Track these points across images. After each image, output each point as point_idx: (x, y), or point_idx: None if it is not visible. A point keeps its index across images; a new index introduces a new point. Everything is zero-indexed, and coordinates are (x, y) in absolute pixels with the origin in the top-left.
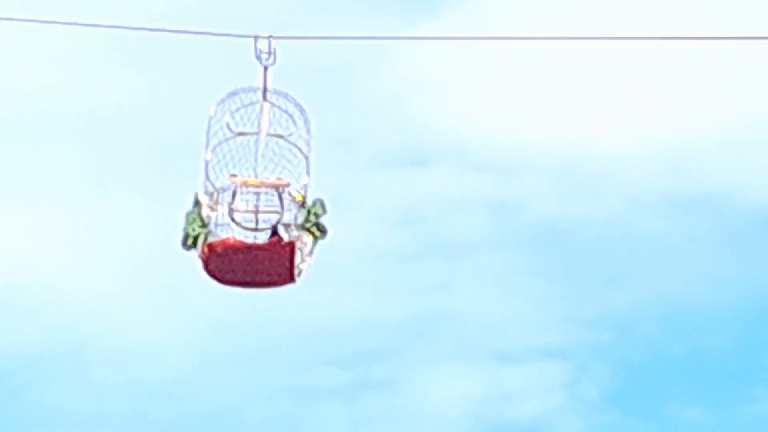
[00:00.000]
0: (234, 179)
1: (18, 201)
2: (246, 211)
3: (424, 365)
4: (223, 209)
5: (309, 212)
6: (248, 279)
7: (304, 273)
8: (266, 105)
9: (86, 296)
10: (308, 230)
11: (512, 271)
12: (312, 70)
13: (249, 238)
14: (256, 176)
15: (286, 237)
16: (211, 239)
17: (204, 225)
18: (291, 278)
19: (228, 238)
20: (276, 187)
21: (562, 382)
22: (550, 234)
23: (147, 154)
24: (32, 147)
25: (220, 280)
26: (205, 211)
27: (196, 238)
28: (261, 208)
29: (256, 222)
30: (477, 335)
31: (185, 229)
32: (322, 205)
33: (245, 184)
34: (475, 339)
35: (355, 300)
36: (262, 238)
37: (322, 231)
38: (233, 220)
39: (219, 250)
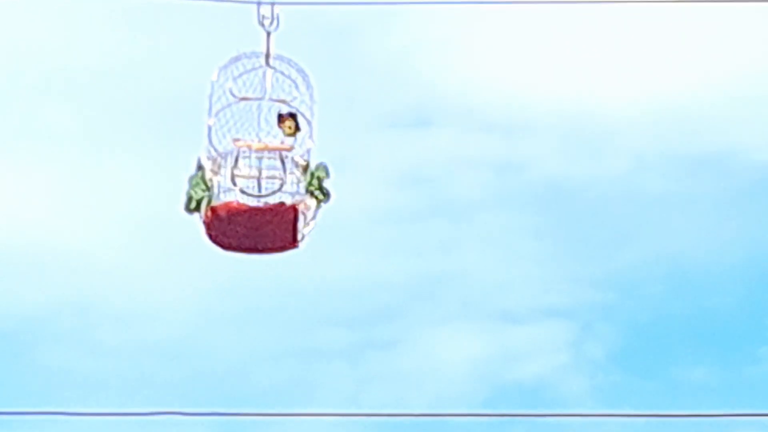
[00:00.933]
0: (237, 143)
1: (23, 162)
2: (249, 176)
3: (429, 325)
4: (225, 174)
5: (312, 176)
6: (251, 244)
7: (307, 237)
8: (269, 70)
9: (91, 257)
10: (311, 194)
11: (517, 231)
12: (316, 30)
13: (252, 202)
14: (259, 141)
15: (288, 201)
16: (214, 203)
17: (207, 188)
18: (294, 243)
19: (231, 202)
20: (279, 151)
21: (567, 341)
22: (555, 194)
23: (152, 116)
24: (36, 107)
25: (222, 246)
26: (208, 175)
27: (199, 202)
28: (264, 173)
29: (259, 187)
30: (481, 295)
31: (188, 192)
32: (325, 169)
33: (249, 148)
34: (480, 299)
35: (359, 261)
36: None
37: (326, 195)
38: (235, 185)
39: (222, 213)
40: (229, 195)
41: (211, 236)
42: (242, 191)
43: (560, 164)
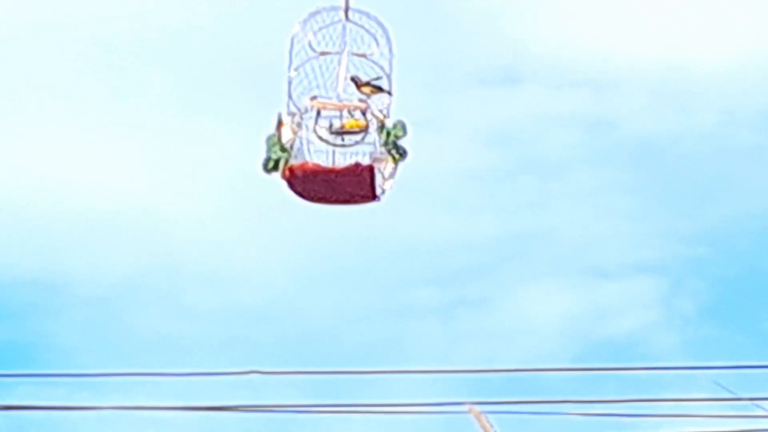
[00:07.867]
0: (314, 102)
1: (113, 128)
2: (331, 131)
3: (520, 282)
4: (305, 132)
5: (388, 135)
6: (332, 198)
7: (388, 192)
8: (348, 24)
9: (180, 221)
10: (388, 152)
11: (607, 187)
12: None
13: (330, 153)
14: (338, 97)
15: (365, 160)
16: (291, 162)
17: (284, 149)
18: (374, 197)
19: (306, 162)
20: (356, 109)
21: (658, 297)
22: (646, 150)
23: (239, 76)
24: (128, 71)
25: (305, 197)
26: (286, 134)
27: (276, 162)
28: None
29: (342, 138)
30: (572, 252)
31: (266, 152)
32: (403, 127)
33: (324, 108)
34: (571, 256)
35: (450, 218)
36: (344, 155)
37: (402, 153)
38: (319, 136)
39: (299, 173)
40: (310, 147)
41: (293, 190)
42: (324, 140)
43: (650, 120)
